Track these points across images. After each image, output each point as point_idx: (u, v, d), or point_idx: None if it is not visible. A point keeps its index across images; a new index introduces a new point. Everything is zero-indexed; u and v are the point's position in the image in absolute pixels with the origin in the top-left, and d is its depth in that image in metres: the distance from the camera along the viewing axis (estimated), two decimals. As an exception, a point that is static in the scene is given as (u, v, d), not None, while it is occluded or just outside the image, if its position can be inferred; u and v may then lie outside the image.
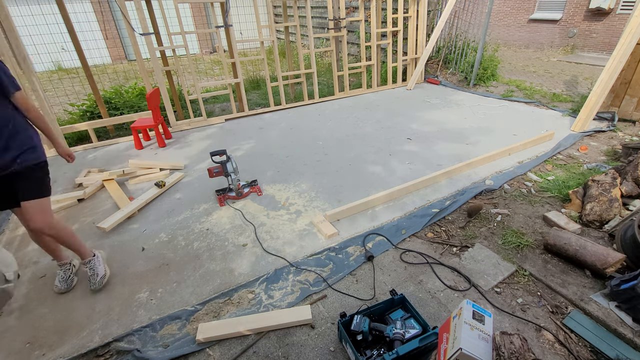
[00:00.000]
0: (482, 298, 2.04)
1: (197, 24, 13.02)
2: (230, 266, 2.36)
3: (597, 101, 4.21)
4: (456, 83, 6.81)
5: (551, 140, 4.09)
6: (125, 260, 2.46)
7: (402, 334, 1.63)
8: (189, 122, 5.02)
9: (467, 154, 3.85)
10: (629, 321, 1.81)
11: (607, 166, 3.41)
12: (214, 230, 2.73)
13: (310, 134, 4.63)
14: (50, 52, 6.51)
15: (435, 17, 6.70)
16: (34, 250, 2.59)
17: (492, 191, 3.12)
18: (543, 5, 10.18)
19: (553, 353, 1.72)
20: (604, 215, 2.52)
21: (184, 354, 1.77)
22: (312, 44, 5.61)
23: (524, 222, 2.69)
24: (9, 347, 1.85)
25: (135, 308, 2.06)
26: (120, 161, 3.98)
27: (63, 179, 3.60)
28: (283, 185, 3.37)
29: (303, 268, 2.32)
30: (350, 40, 8.28)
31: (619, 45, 4.00)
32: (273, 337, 1.86)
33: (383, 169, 3.61)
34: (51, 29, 6.21)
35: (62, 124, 4.49)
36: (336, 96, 6.21)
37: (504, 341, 1.49)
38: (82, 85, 7.33)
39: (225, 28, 4.83)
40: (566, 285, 2.08)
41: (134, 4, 4.15)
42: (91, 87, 4.47)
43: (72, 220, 2.93)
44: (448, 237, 2.58)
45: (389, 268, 2.30)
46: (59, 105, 5.82)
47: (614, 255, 2.05)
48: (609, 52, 8.68)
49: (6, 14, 3.58)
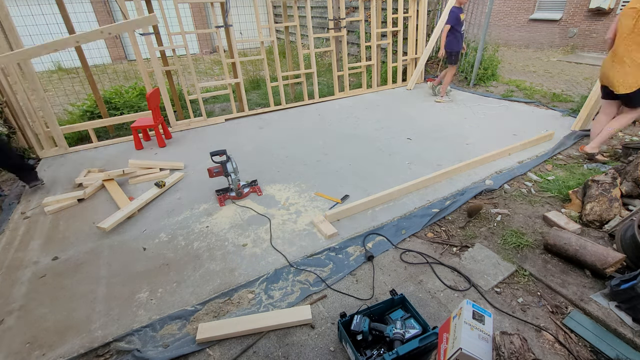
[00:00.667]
0: (482, 298, 2.04)
1: (197, 24, 13.02)
2: (230, 266, 2.36)
3: (597, 101, 4.20)
4: (456, 83, 6.81)
5: (551, 140, 4.09)
6: (125, 260, 2.46)
7: (402, 334, 1.63)
8: (189, 122, 5.02)
9: (467, 153, 3.85)
10: (629, 321, 1.81)
11: (607, 166, 3.41)
12: (213, 230, 2.73)
13: (310, 134, 4.63)
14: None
15: (435, 17, 6.70)
16: (34, 250, 2.59)
17: (492, 191, 3.13)
18: (543, 5, 10.18)
19: (553, 353, 1.72)
20: (604, 215, 2.52)
21: (184, 354, 1.77)
22: (312, 44, 5.61)
23: (524, 222, 2.69)
24: (9, 347, 1.85)
25: (135, 308, 2.06)
26: (120, 161, 3.98)
27: (63, 179, 3.61)
28: (283, 185, 3.37)
29: (303, 268, 2.32)
30: (350, 40, 8.28)
31: (619, 45, 3.99)
32: (273, 337, 1.86)
33: (383, 169, 3.61)
34: (51, 29, 6.20)
35: (62, 124, 4.49)
36: (336, 96, 6.22)
37: (504, 341, 1.49)
38: (82, 85, 7.34)
39: (225, 28, 4.83)
40: (566, 285, 2.08)
41: (134, 4, 4.15)
42: (91, 87, 4.47)
43: (72, 220, 2.93)
44: (448, 237, 2.58)
45: (389, 268, 2.30)
46: (59, 105, 5.83)
47: (614, 255, 2.05)
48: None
49: (6, 13, 3.58)
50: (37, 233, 2.79)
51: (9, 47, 3.69)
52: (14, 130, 4.00)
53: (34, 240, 2.70)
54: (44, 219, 2.96)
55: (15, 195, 3.39)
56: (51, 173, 3.78)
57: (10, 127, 3.96)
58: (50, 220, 2.94)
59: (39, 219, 2.97)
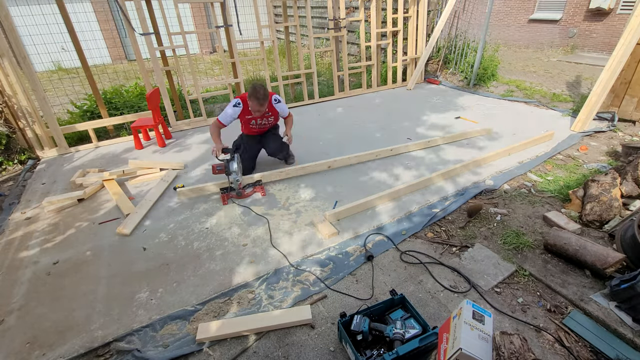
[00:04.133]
0: (482, 298, 2.04)
1: (197, 24, 13.02)
2: (230, 266, 2.36)
3: (597, 101, 4.21)
4: (456, 83, 6.81)
5: (551, 140, 4.09)
6: (125, 260, 2.46)
7: (402, 334, 1.63)
8: (189, 122, 5.02)
9: (467, 153, 3.85)
10: (629, 321, 1.81)
11: (607, 166, 3.41)
12: (214, 230, 2.73)
13: (310, 133, 4.63)
14: (50, 52, 6.50)
15: (435, 17, 6.70)
16: (34, 250, 2.59)
17: (492, 191, 3.13)
18: (543, 5, 10.17)
19: (553, 353, 1.72)
20: (604, 215, 2.52)
21: (184, 354, 1.77)
22: (312, 44, 5.61)
23: (524, 222, 2.69)
24: (9, 347, 1.85)
25: (135, 308, 2.06)
26: (121, 161, 3.98)
27: (63, 179, 3.61)
28: (283, 185, 3.37)
29: (303, 268, 2.32)
30: (350, 40, 8.27)
31: (619, 45, 4.00)
32: (273, 337, 1.86)
33: (383, 168, 3.61)
34: (51, 29, 6.20)
35: (62, 124, 4.49)
36: (336, 96, 6.21)
37: (503, 341, 1.49)
38: (82, 85, 7.33)
39: (225, 28, 4.82)
40: (566, 285, 2.08)
41: (134, 4, 4.15)
42: (91, 87, 4.47)
43: (72, 220, 2.93)
44: (448, 237, 2.58)
45: (389, 268, 2.30)
46: (59, 105, 5.82)
47: (614, 255, 2.05)
48: (609, 52, 8.68)
49: (6, 13, 3.58)
50: (37, 233, 2.78)
51: (9, 47, 3.68)
52: (14, 130, 4.00)
53: (34, 240, 2.70)
54: (44, 219, 2.96)
55: (16, 195, 3.39)
56: (51, 173, 3.78)
57: (10, 127, 3.96)
58: (50, 220, 2.95)
59: (39, 219, 2.97)
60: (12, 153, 4.06)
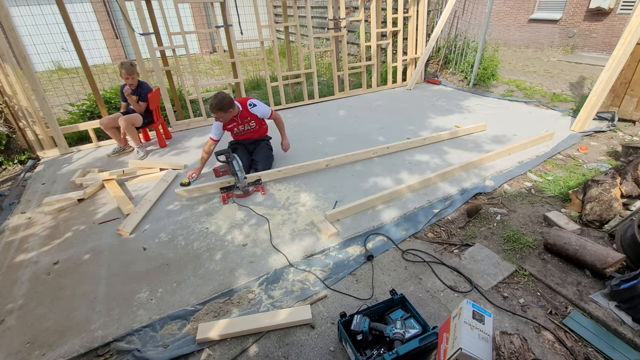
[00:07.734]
0: (482, 298, 2.04)
1: (197, 24, 13.02)
2: (230, 266, 2.36)
3: (597, 101, 4.20)
4: (456, 83, 6.81)
5: (551, 140, 4.09)
6: (125, 260, 2.46)
7: (402, 333, 1.63)
8: (189, 122, 5.02)
9: (467, 153, 3.85)
10: (629, 321, 1.81)
11: (607, 166, 3.40)
12: (213, 230, 2.73)
13: (310, 133, 4.63)
14: (50, 52, 6.50)
15: (435, 17, 6.70)
16: (34, 250, 2.59)
17: (492, 191, 3.13)
18: (543, 5, 10.17)
19: (553, 353, 1.72)
20: (604, 215, 2.52)
21: (184, 354, 1.77)
22: (312, 44, 5.60)
23: (524, 222, 2.69)
24: (9, 347, 1.85)
25: (135, 308, 2.06)
26: (120, 161, 3.97)
27: (63, 179, 3.60)
28: (283, 185, 3.37)
29: (303, 268, 2.32)
30: (350, 40, 8.27)
31: (619, 45, 4.00)
32: (273, 337, 1.86)
33: (383, 168, 3.61)
34: (51, 29, 6.20)
35: (62, 124, 4.49)
36: (336, 96, 6.21)
37: (504, 341, 1.49)
38: (82, 85, 7.33)
39: (225, 28, 4.82)
40: (566, 285, 2.08)
41: (134, 4, 4.15)
42: (91, 87, 4.46)
43: (72, 220, 2.93)
44: (448, 237, 2.58)
45: (389, 268, 2.30)
46: (59, 106, 5.82)
47: (614, 255, 2.05)
48: (609, 52, 8.68)
49: (6, 13, 3.58)
50: (37, 233, 2.79)
51: (9, 47, 3.68)
52: (14, 131, 4.00)
53: (33, 240, 2.70)
54: (44, 219, 2.96)
55: (16, 195, 3.39)
56: (51, 173, 3.78)
57: (10, 127, 3.96)
58: (50, 220, 2.95)
59: (39, 219, 2.97)
60: (12, 153, 4.06)
